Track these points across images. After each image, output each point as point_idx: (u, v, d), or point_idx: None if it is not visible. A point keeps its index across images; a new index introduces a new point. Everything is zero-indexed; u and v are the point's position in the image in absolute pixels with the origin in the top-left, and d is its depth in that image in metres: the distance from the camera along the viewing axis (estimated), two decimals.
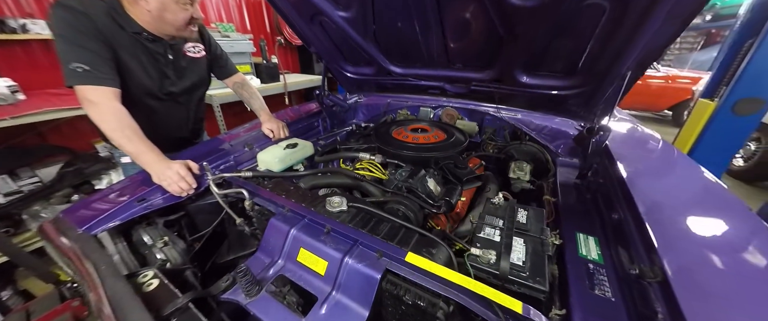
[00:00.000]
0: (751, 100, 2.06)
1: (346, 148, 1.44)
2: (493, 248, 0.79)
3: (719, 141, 2.24)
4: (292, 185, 1.06)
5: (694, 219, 0.78)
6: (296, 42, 4.03)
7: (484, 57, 1.27)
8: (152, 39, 1.22)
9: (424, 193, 1.04)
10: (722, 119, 2.18)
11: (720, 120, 2.19)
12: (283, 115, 1.91)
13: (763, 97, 2.02)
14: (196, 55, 1.46)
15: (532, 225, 0.89)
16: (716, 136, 2.24)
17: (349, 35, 1.43)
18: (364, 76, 1.81)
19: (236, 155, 1.40)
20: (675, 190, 0.95)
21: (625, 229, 0.82)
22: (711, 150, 2.24)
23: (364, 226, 0.83)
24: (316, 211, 0.90)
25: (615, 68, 0.99)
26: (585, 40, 0.97)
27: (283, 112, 1.99)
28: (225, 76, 1.68)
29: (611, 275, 0.77)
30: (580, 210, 1.07)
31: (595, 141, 1.13)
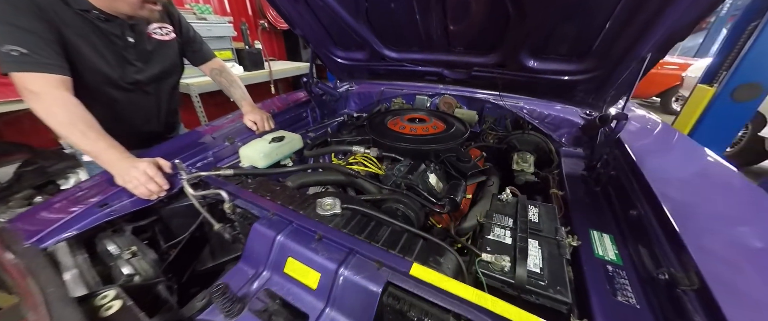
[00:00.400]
0: (750, 86, 2.04)
1: (338, 141, 1.32)
2: (505, 253, 0.71)
3: (717, 127, 2.23)
4: (278, 184, 0.95)
5: (723, 215, 0.72)
6: (282, 26, 3.77)
7: (488, 39, 1.15)
8: (105, 18, 1.04)
9: (426, 190, 0.95)
10: (721, 105, 2.16)
11: (719, 106, 2.17)
12: (269, 105, 1.76)
13: (762, 82, 2.01)
14: (164, 37, 1.28)
15: (545, 224, 0.81)
16: (715, 122, 2.23)
17: (339, 15, 1.28)
18: (356, 61, 1.66)
19: (216, 151, 1.26)
20: (695, 182, 0.89)
21: (645, 226, 0.76)
22: (709, 136, 2.23)
23: (360, 231, 0.73)
24: (306, 214, 0.79)
25: (634, 50, 0.90)
26: (603, 18, 0.87)
27: (269, 102, 1.84)
28: (200, 61, 1.51)
29: (633, 278, 0.70)
30: (590, 204, 1.00)
31: (608, 130, 1.06)
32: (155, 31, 1.25)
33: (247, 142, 1.35)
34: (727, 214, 0.76)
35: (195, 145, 1.26)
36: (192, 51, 1.46)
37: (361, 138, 1.31)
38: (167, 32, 1.29)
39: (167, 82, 1.36)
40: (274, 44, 3.96)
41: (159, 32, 1.26)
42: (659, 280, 0.64)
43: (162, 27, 1.27)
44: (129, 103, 1.25)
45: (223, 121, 1.53)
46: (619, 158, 1.04)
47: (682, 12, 0.74)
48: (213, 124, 1.52)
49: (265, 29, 3.59)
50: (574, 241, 0.74)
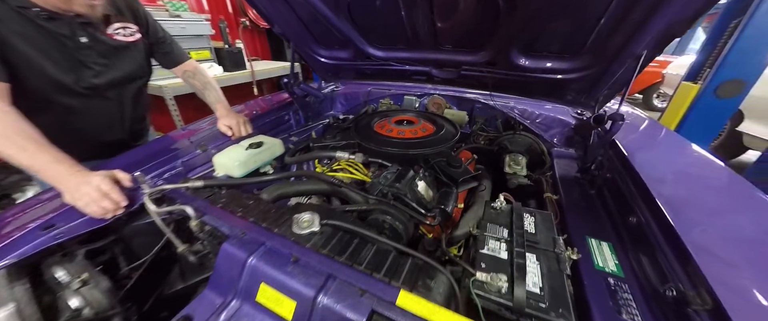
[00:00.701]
0: (733, 82, 2.08)
1: (321, 147, 1.23)
2: (501, 270, 0.65)
3: (702, 123, 2.27)
4: (252, 197, 0.85)
5: (730, 224, 0.68)
6: (264, 25, 3.63)
7: (478, 36, 1.09)
8: (47, 16, 0.92)
9: (414, 200, 0.88)
10: (705, 101, 2.20)
11: (703, 102, 2.21)
12: (252, 107, 1.65)
13: (744, 78, 2.05)
14: (128, 38, 1.16)
15: (542, 234, 0.76)
16: (699, 118, 2.27)
17: (319, 11, 1.20)
18: (340, 60, 1.58)
19: (186, 159, 1.15)
20: (696, 187, 0.85)
21: (646, 235, 0.71)
22: (694, 132, 2.27)
23: (342, 250, 0.65)
24: (280, 233, 0.70)
25: (630, 47, 0.85)
26: (598, 12, 0.82)
27: (252, 104, 1.73)
28: (172, 63, 1.39)
29: (637, 293, 0.65)
30: (586, 209, 0.96)
31: (602, 131, 1.02)
32: (117, 31, 1.13)
33: (222, 148, 1.24)
34: (732, 221, 0.72)
35: (163, 153, 1.15)
36: (162, 52, 1.34)
37: (345, 142, 1.23)
38: (131, 33, 1.17)
39: (131, 86, 1.24)
40: (257, 43, 3.81)
41: (121, 33, 1.14)
42: (667, 296, 0.59)
43: (125, 27, 1.15)
44: (86, 110, 1.12)
45: (199, 125, 1.42)
46: (613, 160, 1.00)
47: (680, 7, 0.70)
48: (187, 128, 1.40)
49: (247, 27, 3.44)
50: (574, 254, 0.69)
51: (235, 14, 3.30)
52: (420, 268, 0.61)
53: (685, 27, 0.73)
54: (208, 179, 1.00)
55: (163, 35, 1.33)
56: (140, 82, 1.29)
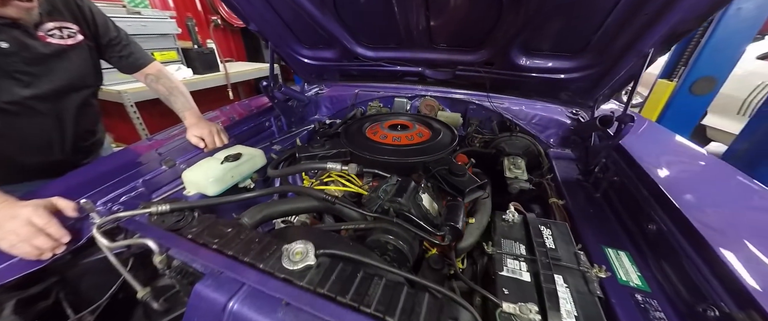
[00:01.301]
0: (706, 79, 2.20)
1: (308, 157, 1.11)
2: (528, 297, 0.57)
3: (678, 118, 2.39)
4: (230, 224, 0.72)
5: (754, 229, 0.64)
6: (238, 23, 3.40)
7: (476, 34, 1.02)
8: None
9: (419, 215, 0.79)
10: (681, 98, 2.32)
11: (679, 99, 2.33)
12: (228, 114, 1.48)
13: (716, 75, 2.17)
14: (66, 41, 0.98)
15: (562, 249, 0.69)
16: (675, 114, 2.39)
17: (302, 7, 1.07)
18: (325, 61, 1.46)
19: (149, 178, 0.98)
20: (710, 189, 0.82)
21: (671, 244, 0.67)
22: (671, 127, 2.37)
23: (344, 288, 0.54)
24: (267, 269, 0.58)
25: (636, 45, 0.81)
26: (607, 8, 0.77)
27: (228, 110, 1.56)
28: (132, 68, 1.22)
29: (667, 310, 0.60)
30: (595, 215, 0.91)
31: (602, 132, 0.98)
32: (52, 33, 0.95)
33: (193, 163, 1.09)
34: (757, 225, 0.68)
35: (120, 171, 0.97)
36: (117, 56, 1.16)
37: (336, 151, 1.12)
38: (71, 34, 0.99)
39: (73, 97, 1.05)
40: (231, 43, 3.57)
41: (57, 34, 0.96)
42: (708, 317, 0.54)
43: (62, 27, 0.97)
44: (12, 128, 0.93)
45: (168, 135, 1.24)
46: (619, 162, 0.96)
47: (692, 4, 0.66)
48: (153, 139, 1.21)
49: (219, 26, 3.20)
50: (602, 272, 0.63)
51: (204, 12, 3.05)
52: (439, 305, 0.52)
53: (695, 24, 0.70)
54: (175, 202, 0.84)
55: (118, 35, 1.15)
56: (85, 92, 1.09)
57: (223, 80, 2.71)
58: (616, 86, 1.01)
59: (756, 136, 2.03)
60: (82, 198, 0.80)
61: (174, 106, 1.24)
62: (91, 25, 1.04)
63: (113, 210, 0.86)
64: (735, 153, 2.14)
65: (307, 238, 0.62)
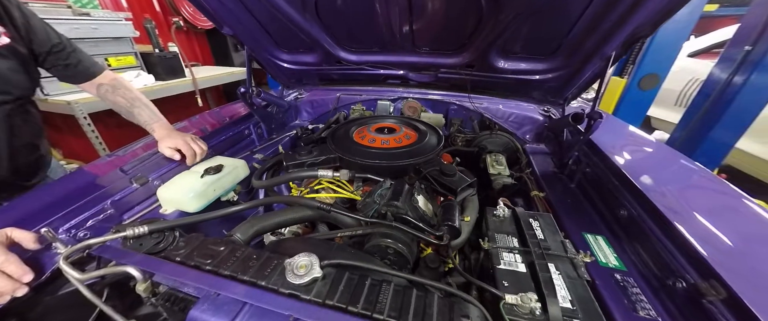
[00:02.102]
0: (651, 76, 2.48)
1: (295, 165, 1.08)
2: (526, 287, 0.61)
3: (630, 111, 2.67)
4: (221, 241, 0.68)
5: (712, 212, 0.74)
6: (203, 24, 3.20)
7: (458, 38, 1.06)
8: None
9: (417, 217, 0.80)
10: (631, 93, 2.60)
11: (630, 94, 2.61)
12: (200, 123, 1.38)
13: (659, 72, 2.46)
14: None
15: (551, 239, 0.75)
16: (628, 107, 2.67)
17: (281, 10, 1.04)
18: (305, 65, 1.42)
19: (118, 198, 0.90)
20: (663, 174, 0.93)
21: (642, 227, 0.75)
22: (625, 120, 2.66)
23: (354, 298, 0.54)
24: (270, 286, 0.56)
25: (601, 49, 0.90)
26: (576, 15, 0.84)
27: (198, 119, 1.45)
28: (80, 78, 1.08)
29: (642, 285, 0.67)
30: (572, 205, 0.99)
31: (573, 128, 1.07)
32: None
33: (168, 178, 1.01)
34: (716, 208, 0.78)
35: (82, 193, 0.87)
36: (62, 65, 1.02)
37: (324, 157, 1.10)
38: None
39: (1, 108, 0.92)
40: (196, 46, 3.34)
41: None
42: (677, 289, 0.61)
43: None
44: None
45: (128, 151, 1.13)
46: (589, 155, 1.05)
47: (649, 12, 0.74)
48: (115, 155, 1.10)
49: (181, 28, 2.98)
50: (587, 256, 0.69)
51: (164, 13, 2.82)
52: (449, 304, 0.54)
53: (650, 30, 0.79)
54: (153, 222, 0.78)
55: (61, 42, 1.01)
56: (15, 104, 0.96)
57: (189, 86, 2.53)
58: (583, 85, 1.10)
59: (691, 125, 2.34)
60: (42, 226, 0.71)
61: (139, 119, 1.12)
62: (21, 29, 0.91)
63: (80, 237, 0.77)
64: (676, 140, 2.44)
65: (308, 249, 0.61)
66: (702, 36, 3.32)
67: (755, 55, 1.92)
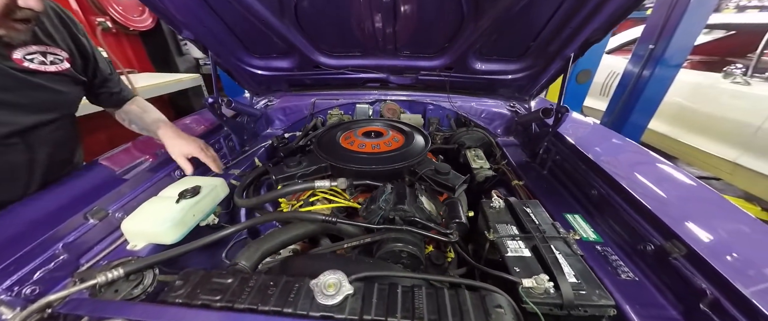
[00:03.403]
0: (585, 71, 2.89)
1: (285, 178, 1.01)
2: (534, 270, 0.67)
3: (570, 103, 3.06)
4: (225, 273, 0.61)
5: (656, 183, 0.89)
6: (136, 26, 2.78)
7: (439, 42, 1.11)
8: None
9: (425, 218, 0.82)
10: (571, 87, 2.99)
11: (570, 88, 3.00)
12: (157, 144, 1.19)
13: (591, 68, 2.88)
14: (46, 67, 0.83)
15: (544, 223, 0.83)
16: (568, 99, 3.05)
17: (255, 14, 0.97)
18: (280, 71, 1.34)
19: (70, 240, 0.74)
20: (614, 153, 1.09)
21: (611, 203, 0.87)
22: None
23: (390, 308, 0.53)
24: (298, 312, 0.52)
25: (563, 51, 1.02)
26: (543, 21, 0.95)
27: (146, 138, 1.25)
28: (120, 103, 1.11)
29: (619, 253, 0.79)
30: (548, 189, 1.11)
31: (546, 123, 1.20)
32: (31, 56, 0.80)
33: (132, 207, 0.87)
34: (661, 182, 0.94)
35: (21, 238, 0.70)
36: (108, 92, 1.06)
37: (316, 167, 1.05)
38: (55, 60, 0.85)
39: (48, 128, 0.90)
40: (128, 50, 2.89)
41: (39, 59, 0.81)
42: (647, 252, 0.73)
43: (47, 52, 0.83)
44: None
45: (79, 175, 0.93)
46: (557, 144, 1.19)
47: (601, 21, 0.87)
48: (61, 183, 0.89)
49: (109, 30, 2.55)
50: (576, 235, 0.78)
51: (84, 12, 2.37)
52: (480, 297, 0.56)
53: (602, 35, 0.93)
54: (128, 262, 0.67)
55: (112, 73, 1.07)
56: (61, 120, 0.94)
57: None
58: (546, 83, 1.24)
59: (615, 111, 2.79)
60: None
61: (145, 123, 1.09)
62: (90, 61, 0.97)
63: (27, 295, 0.62)
64: (605, 124, 2.90)
65: (327, 266, 0.58)
66: (616, 35, 3.98)
67: (657, 52, 2.38)
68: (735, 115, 2.32)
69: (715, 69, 2.62)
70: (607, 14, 0.83)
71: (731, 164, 2.31)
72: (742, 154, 2.25)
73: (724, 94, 2.43)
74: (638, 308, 0.65)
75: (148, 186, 0.96)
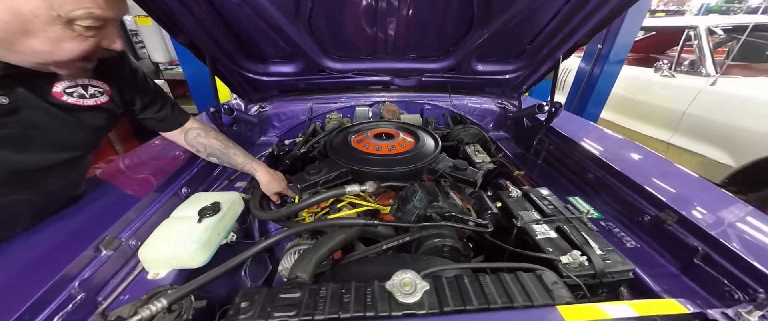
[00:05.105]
0: None
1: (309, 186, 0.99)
2: (564, 248, 0.76)
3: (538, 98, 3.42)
4: (292, 288, 0.59)
5: (639, 163, 1.06)
6: None
7: (445, 45, 1.17)
8: None
9: (458, 212, 0.87)
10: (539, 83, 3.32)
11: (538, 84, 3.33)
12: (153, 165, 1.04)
13: None
14: (86, 102, 0.72)
15: (560, 206, 0.93)
16: (537, 95, 3.39)
17: (266, 16, 0.93)
18: (281, 76, 1.30)
19: (86, 276, 0.65)
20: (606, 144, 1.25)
21: (607, 184, 1.02)
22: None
23: (465, 297, 0.57)
24: (380, 315, 0.54)
25: (554, 53, 1.15)
26: (540, 27, 1.06)
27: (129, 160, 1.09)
28: (170, 127, 0.97)
29: (620, 226, 0.93)
30: (547, 177, 1.25)
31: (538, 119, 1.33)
32: (71, 89, 0.69)
33: (145, 233, 0.78)
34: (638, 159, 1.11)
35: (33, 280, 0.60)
36: (153, 118, 0.91)
37: (337, 172, 1.04)
38: (94, 93, 0.74)
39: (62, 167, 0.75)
40: None
41: (79, 92, 0.70)
42: (645, 222, 0.87)
43: (89, 84, 0.72)
44: None
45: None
46: (550, 136, 1.34)
47: (590, 27, 1.01)
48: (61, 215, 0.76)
49: None
50: (589, 214, 0.89)
51: None
52: (537, 276, 0.63)
53: (588, 40, 1.07)
54: (161, 291, 0.62)
55: (156, 95, 0.90)
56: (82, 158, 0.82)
57: None
58: (533, 83, 1.38)
59: (573, 105, 3.17)
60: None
61: (234, 161, 1.04)
62: (127, 90, 0.82)
63: None
64: None
65: (390, 268, 0.60)
66: None
67: (604, 51, 2.75)
68: (665, 103, 2.78)
69: (648, 65, 3.11)
70: (595, 21, 0.96)
71: (665, 144, 2.77)
72: (673, 135, 2.71)
73: (656, 86, 2.90)
74: (646, 269, 0.77)
75: (157, 207, 0.87)
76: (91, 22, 0.55)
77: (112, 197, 0.86)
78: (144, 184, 0.94)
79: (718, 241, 0.70)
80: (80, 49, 0.58)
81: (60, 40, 0.54)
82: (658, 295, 0.71)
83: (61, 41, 0.55)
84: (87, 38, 0.58)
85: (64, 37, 0.54)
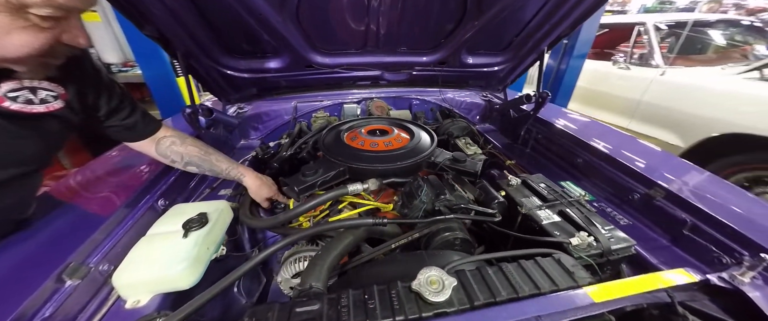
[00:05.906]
0: None
1: (306, 188, 0.93)
2: (570, 230, 0.78)
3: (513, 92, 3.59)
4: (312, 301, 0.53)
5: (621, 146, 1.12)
6: None
7: (437, 37, 1.15)
8: None
9: (465, 204, 0.86)
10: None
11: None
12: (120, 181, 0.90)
13: None
14: (32, 107, 0.59)
15: (558, 191, 0.96)
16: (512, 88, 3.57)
17: (251, 8, 0.84)
18: (264, 73, 1.20)
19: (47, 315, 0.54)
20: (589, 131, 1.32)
21: (595, 167, 1.07)
22: None
23: (492, 289, 0.55)
24: (411, 317, 0.50)
25: (539, 45, 1.19)
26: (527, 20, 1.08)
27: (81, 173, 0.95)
28: (140, 136, 0.84)
29: (612, 206, 0.98)
30: (537, 164, 1.29)
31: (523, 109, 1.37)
32: (15, 93, 0.56)
33: (119, 255, 0.68)
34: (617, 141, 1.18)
35: None
36: (120, 126, 0.79)
37: (334, 172, 0.98)
38: (48, 97, 0.61)
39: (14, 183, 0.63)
40: None
41: (24, 97, 0.57)
42: (635, 200, 0.92)
43: (39, 87, 0.59)
44: None
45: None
46: (537, 125, 1.38)
47: (572, 20, 1.05)
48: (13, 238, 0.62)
49: None
50: (586, 196, 0.93)
51: None
52: (556, 260, 0.63)
53: (569, 31, 1.11)
54: (157, 318, 0.53)
55: (123, 99, 0.78)
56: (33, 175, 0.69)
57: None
58: (518, 75, 1.42)
59: None
60: None
61: (217, 168, 0.95)
62: (89, 93, 0.70)
63: None
64: None
65: (415, 267, 0.57)
66: None
67: (569, 46, 2.94)
68: (623, 92, 3.04)
69: (603, 59, 3.39)
70: (578, 12, 1.01)
71: (625, 130, 3.04)
72: (631, 122, 2.98)
73: (614, 77, 3.17)
74: (641, 244, 0.81)
75: (130, 224, 0.76)
76: (50, 12, 0.45)
77: (71, 218, 0.73)
78: (109, 200, 0.81)
79: (704, 211, 0.76)
80: (33, 43, 0.47)
81: (6, 31, 0.44)
82: (656, 267, 0.76)
83: (8, 32, 0.44)
84: (43, 30, 0.47)
85: (11, 26, 0.44)
